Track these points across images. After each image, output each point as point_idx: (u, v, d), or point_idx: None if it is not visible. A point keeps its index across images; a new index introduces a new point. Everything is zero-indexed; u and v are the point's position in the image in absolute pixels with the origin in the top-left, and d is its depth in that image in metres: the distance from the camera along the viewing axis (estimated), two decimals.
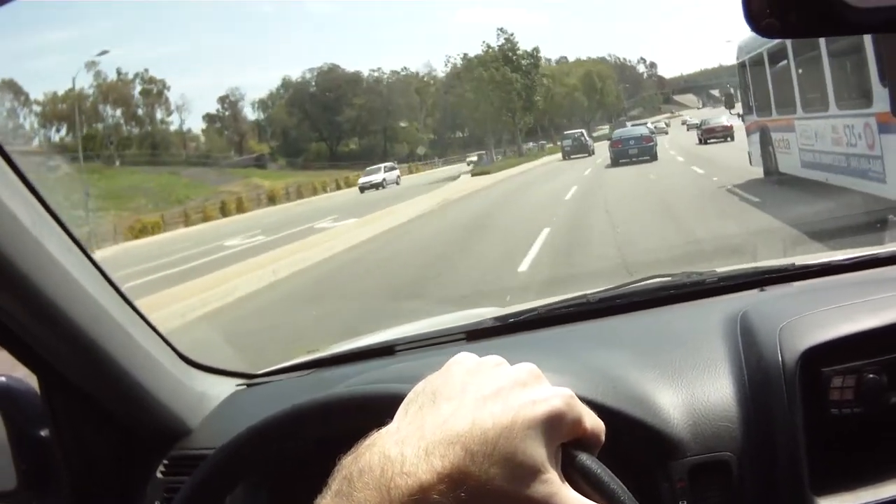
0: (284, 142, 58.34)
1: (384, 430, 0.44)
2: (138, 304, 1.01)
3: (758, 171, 10.15)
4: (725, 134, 23.09)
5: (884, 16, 0.45)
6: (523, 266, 6.47)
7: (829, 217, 6.31)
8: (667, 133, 40.95)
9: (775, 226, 6.62)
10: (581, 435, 0.45)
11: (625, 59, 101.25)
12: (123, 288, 1.00)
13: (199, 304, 6.53)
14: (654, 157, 20.26)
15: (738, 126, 28.15)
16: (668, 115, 77.79)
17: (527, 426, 0.42)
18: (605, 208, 10.07)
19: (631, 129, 24.24)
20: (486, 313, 1.29)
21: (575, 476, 0.44)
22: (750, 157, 10.83)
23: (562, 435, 0.44)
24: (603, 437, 0.47)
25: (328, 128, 59.59)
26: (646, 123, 32.54)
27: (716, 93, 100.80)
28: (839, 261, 1.17)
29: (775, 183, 8.98)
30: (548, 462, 0.42)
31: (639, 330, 1.08)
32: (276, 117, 61.42)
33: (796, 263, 1.19)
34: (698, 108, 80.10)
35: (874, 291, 0.91)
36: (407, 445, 0.41)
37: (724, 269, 1.28)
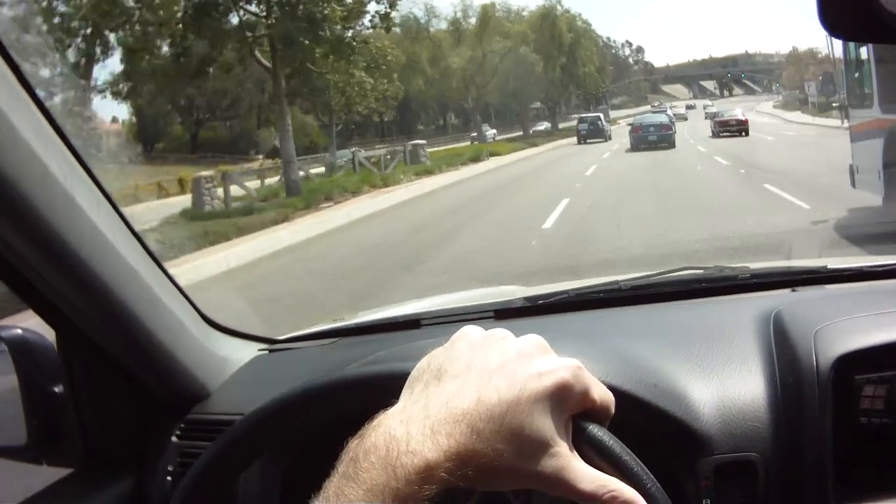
0: (140, 123, 39.44)
1: (390, 410, 0.47)
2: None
3: (866, 199, 6.98)
4: (740, 128, 24.67)
5: None
6: None
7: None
8: (686, 119, 43.90)
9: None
10: (590, 406, 0.49)
11: (608, 38, 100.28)
12: (151, 245, 1.03)
13: None
14: (671, 145, 22.32)
15: (753, 122, 29.30)
16: (656, 104, 77.11)
17: (534, 400, 0.46)
18: None
19: (651, 116, 26.85)
20: (515, 292, 1.40)
21: (586, 448, 0.48)
22: (853, 174, 7.53)
23: (570, 407, 0.48)
24: (613, 409, 0.50)
25: (188, 104, 38.73)
26: (665, 110, 35.21)
27: (708, 84, 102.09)
28: (873, 266, 1.25)
29: None
30: (557, 435, 0.46)
31: (669, 321, 1.14)
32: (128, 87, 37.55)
33: (829, 266, 1.28)
34: (689, 99, 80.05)
35: None
36: (412, 424, 0.45)
37: (756, 265, 1.37)
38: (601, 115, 33.79)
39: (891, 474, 0.84)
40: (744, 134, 24.08)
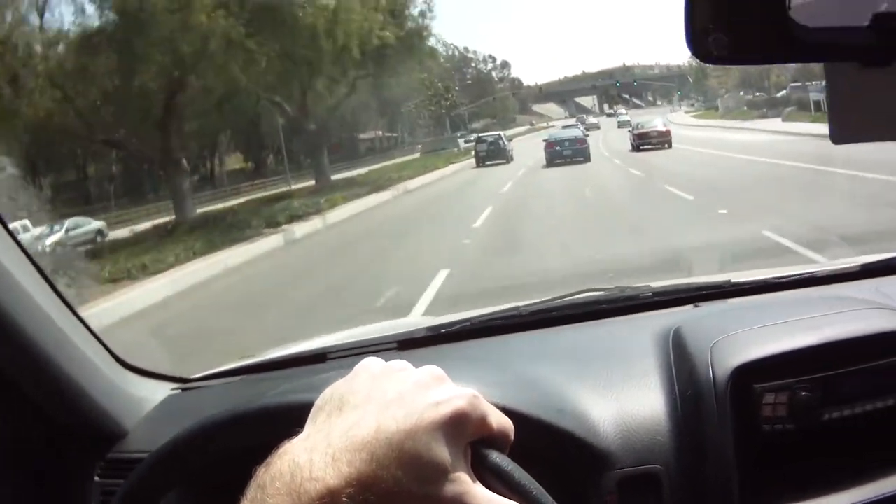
0: None
1: (295, 439, 0.53)
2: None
3: None
4: (662, 140, 25.16)
5: (832, 40, 0.56)
6: None
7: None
8: (599, 128, 45.36)
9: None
10: (488, 434, 0.54)
11: (466, 49, 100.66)
12: (61, 287, 1.13)
13: None
14: (587, 159, 23.10)
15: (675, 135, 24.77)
16: (527, 126, 77.58)
17: (431, 428, 0.51)
18: None
19: (564, 132, 27.74)
20: (418, 322, 1.58)
21: (486, 475, 0.53)
22: None
23: (468, 434, 0.53)
24: (512, 436, 0.56)
25: None
26: (578, 125, 36.47)
27: (586, 101, 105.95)
28: (774, 279, 1.42)
29: None
30: (456, 462, 0.51)
31: (570, 343, 1.28)
32: None
33: (731, 280, 1.44)
34: (564, 118, 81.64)
35: (808, 311, 1.08)
36: (315, 452, 0.50)
37: (658, 284, 1.51)
38: (501, 134, 32.62)
39: (797, 479, 0.95)
40: (666, 146, 24.59)
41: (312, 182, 24.84)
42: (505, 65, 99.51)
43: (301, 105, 23.04)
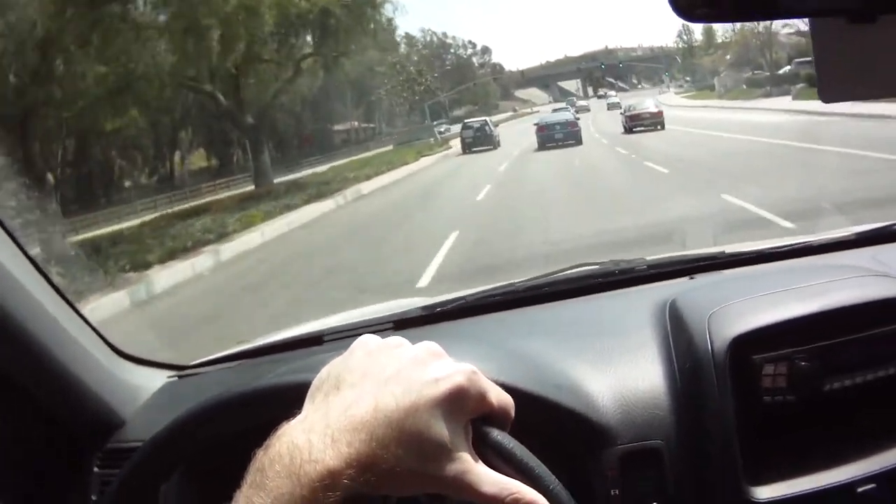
0: None
1: (294, 420, 0.52)
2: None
3: None
4: (655, 122, 24.90)
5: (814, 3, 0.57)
6: None
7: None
8: (588, 110, 45.29)
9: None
10: (489, 410, 0.54)
11: (445, 34, 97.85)
12: (55, 279, 1.13)
13: None
14: (579, 142, 22.93)
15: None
16: (510, 112, 75.02)
17: (431, 406, 0.50)
18: None
19: (556, 115, 27.70)
20: (413, 303, 1.54)
21: (488, 453, 0.53)
22: None
23: (468, 411, 0.52)
24: (512, 413, 0.55)
25: None
26: (568, 108, 37.04)
27: (569, 85, 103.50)
28: (770, 249, 1.42)
29: None
30: (456, 440, 0.51)
31: (566, 318, 1.28)
32: None
33: (726, 251, 1.44)
34: (548, 104, 79.07)
35: (805, 279, 1.08)
36: (314, 433, 0.50)
37: (653, 257, 1.52)
38: (487, 120, 31.65)
39: (800, 450, 0.94)
40: (659, 128, 24.38)
41: (263, 185, 20.26)
42: (485, 50, 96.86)
43: (235, 94, 18.65)
